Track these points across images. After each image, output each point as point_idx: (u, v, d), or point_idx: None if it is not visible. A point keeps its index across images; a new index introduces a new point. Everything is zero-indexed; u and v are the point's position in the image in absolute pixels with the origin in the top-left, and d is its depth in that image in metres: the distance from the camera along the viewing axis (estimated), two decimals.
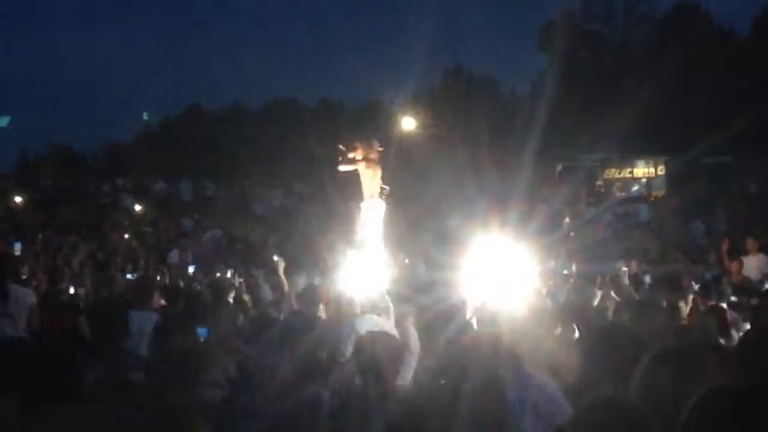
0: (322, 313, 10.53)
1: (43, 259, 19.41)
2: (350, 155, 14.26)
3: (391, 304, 9.90)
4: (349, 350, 8.06)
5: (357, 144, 14.34)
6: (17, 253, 18.87)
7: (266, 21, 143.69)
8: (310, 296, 10.60)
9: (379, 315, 9.57)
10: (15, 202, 36.59)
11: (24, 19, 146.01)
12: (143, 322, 8.47)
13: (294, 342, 8.22)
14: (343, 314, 9.98)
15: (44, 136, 68.58)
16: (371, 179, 14.23)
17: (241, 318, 12.02)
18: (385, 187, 14.23)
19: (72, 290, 15.06)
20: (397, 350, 6.48)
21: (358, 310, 9.96)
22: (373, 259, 13.03)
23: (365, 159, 14.23)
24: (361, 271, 12.30)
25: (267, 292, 16.08)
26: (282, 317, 11.39)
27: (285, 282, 12.92)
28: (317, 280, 15.41)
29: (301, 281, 14.70)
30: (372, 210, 14.06)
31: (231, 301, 13.60)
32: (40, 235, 25.60)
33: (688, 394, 4.12)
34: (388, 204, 14.21)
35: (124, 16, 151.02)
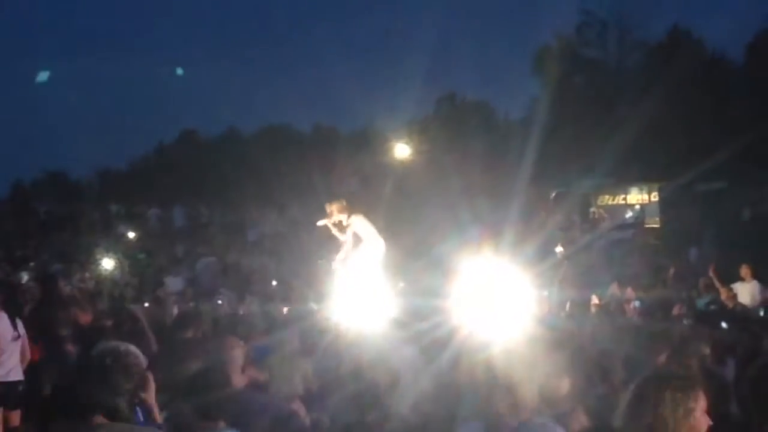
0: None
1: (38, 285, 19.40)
2: (332, 219, 14.45)
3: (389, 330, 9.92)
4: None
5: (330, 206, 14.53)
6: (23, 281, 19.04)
7: (260, 47, 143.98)
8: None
9: (378, 340, 9.57)
10: (9, 227, 36.53)
11: (18, 47, 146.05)
12: None
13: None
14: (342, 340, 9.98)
15: (39, 163, 68.66)
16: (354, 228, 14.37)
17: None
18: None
19: None
20: (394, 376, 6.47)
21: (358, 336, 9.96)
22: (370, 287, 13.07)
23: (340, 212, 14.41)
24: (359, 298, 12.34)
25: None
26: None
27: None
28: (314, 306, 15.42)
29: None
30: (371, 251, 14.16)
31: None
32: (32, 263, 25.57)
33: (670, 420, 4.13)
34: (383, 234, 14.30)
35: (117, 43, 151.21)
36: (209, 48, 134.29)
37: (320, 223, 14.81)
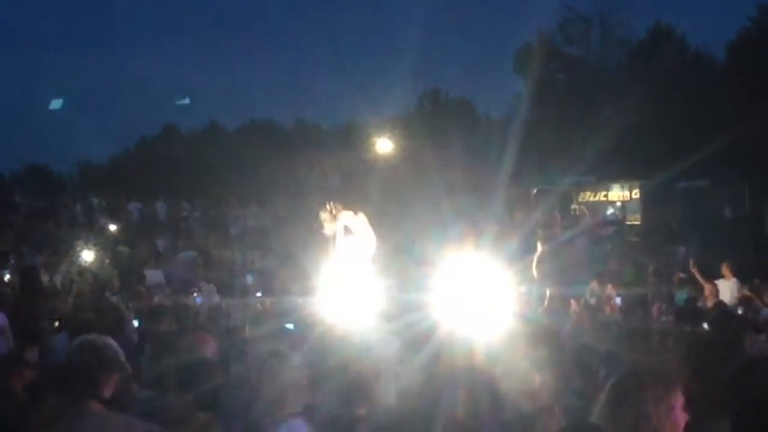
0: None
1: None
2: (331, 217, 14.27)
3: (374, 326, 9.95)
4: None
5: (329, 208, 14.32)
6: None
7: (243, 41, 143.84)
8: None
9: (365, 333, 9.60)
10: None
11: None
12: None
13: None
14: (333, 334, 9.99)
15: (20, 156, 68.23)
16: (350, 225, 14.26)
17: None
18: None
19: None
20: (369, 375, 6.47)
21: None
22: (358, 281, 13.07)
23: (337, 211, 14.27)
24: (346, 291, 12.37)
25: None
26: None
27: None
28: (298, 300, 15.40)
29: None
30: (364, 245, 14.10)
31: None
32: (12, 259, 25.37)
33: (652, 416, 4.14)
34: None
35: (100, 38, 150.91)
36: (190, 42, 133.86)
37: (328, 232, 14.59)
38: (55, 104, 45.47)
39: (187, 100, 53.91)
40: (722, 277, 19.76)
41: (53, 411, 4.85)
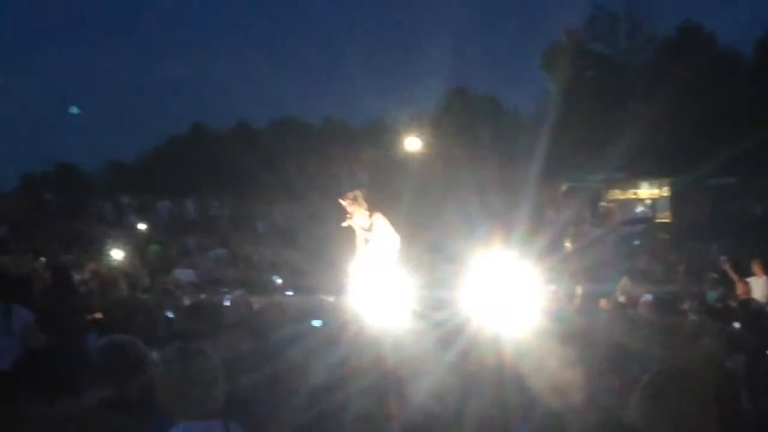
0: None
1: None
2: (348, 209, 14.24)
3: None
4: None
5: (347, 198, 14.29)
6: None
7: (270, 40, 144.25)
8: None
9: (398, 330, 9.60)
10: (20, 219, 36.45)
11: (27, 39, 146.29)
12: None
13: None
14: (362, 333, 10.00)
15: (48, 155, 68.69)
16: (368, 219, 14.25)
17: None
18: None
19: None
20: (400, 372, 6.47)
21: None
22: (388, 280, 13.09)
23: (357, 205, 14.23)
24: (377, 290, 12.38)
25: None
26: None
27: None
28: (333, 298, 15.41)
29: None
30: (388, 242, 14.10)
31: None
32: (42, 258, 25.43)
33: (689, 413, 4.11)
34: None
35: (127, 35, 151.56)
36: (219, 41, 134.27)
37: (353, 222, 14.60)
38: (74, 109, 45.88)
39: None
40: (753, 274, 19.70)
41: (76, 410, 4.85)
